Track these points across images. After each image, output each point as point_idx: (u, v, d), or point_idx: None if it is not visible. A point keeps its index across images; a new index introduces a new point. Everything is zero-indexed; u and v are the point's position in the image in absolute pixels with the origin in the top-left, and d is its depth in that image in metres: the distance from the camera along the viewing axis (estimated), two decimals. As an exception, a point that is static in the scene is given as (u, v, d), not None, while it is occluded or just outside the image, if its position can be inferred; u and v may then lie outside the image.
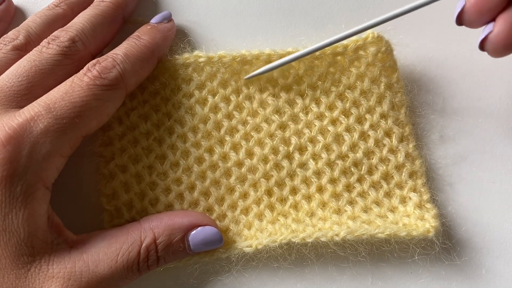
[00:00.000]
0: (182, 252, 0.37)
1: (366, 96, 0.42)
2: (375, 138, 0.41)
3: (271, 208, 0.40)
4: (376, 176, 0.41)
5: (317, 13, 0.46)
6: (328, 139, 0.41)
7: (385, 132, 0.41)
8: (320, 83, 0.42)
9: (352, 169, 0.41)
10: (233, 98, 0.42)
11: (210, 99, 0.42)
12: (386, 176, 0.41)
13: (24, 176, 0.33)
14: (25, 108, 0.35)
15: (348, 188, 0.41)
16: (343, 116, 0.42)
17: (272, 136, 0.41)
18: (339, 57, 0.42)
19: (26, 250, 0.33)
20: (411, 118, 0.43)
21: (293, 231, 0.38)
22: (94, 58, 0.39)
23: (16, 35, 0.41)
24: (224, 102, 0.42)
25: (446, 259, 0.39)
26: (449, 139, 0.43)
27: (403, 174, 0.41)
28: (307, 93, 0.42)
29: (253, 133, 0.42)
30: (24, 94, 0.37)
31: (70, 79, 0.37)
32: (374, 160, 0.41)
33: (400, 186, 0.41)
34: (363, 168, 0.41)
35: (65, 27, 0.41)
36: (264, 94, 0.42)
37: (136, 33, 0.42)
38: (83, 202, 0.41)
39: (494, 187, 0.42)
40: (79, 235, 0.36)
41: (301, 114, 0.42)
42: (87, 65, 0.38)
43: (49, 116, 0.34)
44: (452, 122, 0.43)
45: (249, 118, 0.42)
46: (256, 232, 0.39)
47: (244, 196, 0.41)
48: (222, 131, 0.42)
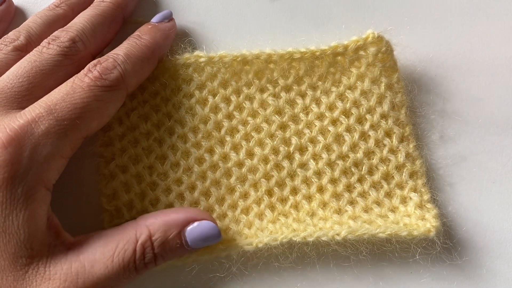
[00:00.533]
0: (180, 249, 0.36)
1: (366, 96, 0.42)
2: (376, 138, 0.41)
3: (272, 208, 0.40)
4: (376, 176, 0.41)
5: (317, 13, 0.46)
6: (329, 139, 0.41)
7: (385, 132, 0.41)
8: (321, 83, 0.42)
9: (353, 169, 0.41)
10: (233, 98, 0.42)
11: (211, 99, 0.42)
12: (387, 176, 0.41)
13: (25, 177, 0.33)
14: (26, 109, 0.35)
15: (349, 188, 0.41)
16: (344, 116, 0.42)
17: (272, 136, 0.41)
18: (339, 57, 0.42)
19: (25, 251, 0.33)
20: (411, 118, 0.43)
21: (294, 230, 0.38)
22: (94, 58, 0.39)
23: (17, 35, 0.41)
24: (224, 102, 0.42)
25: (447, 259, 0.39)
26: (449, 139, 0.43)
27: (404, 174, 0.41)
28: (307, 93, 0.42)
29: (253, 133, 0.42)
30: (25, 95, 0.37)
31: (71, 79, 0.37)
32: (375, 160, 0.41)
33: (400, 186, 0.41)
34: (363, 168, 0.41)
35: (65, 27, 0.41)
36: (265, 94, 0.42)
37: (136, 32, 0.42)
38: (83, 202, 0.41)
39: (494, 187, 0.42)
40: (77, 236, 0.36)
41: (301, 114, 0.42)
42: (88, 65, 0.38)
43: (50, 117, 0.34)
44: (452, 122, 0.43)
45: (249, 119, 0.42)
46: (256, 231, 0.39)
47: (245, 196, 0.41)
48: (223, 132, 0.42)
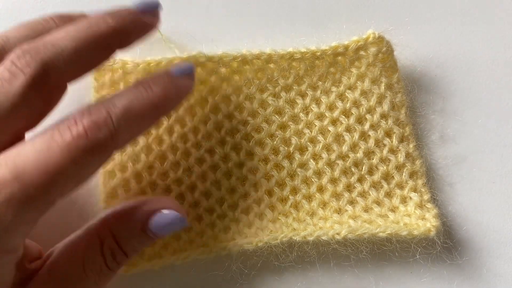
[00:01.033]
0: (148, 239, 0.35)
1: (366, 96, 0.42)
2: (376, 138, 0.41)
3: (272, 208, 0.40)
4: (376, 176, 0.41)
5: (317, 13, 0.46)
6: (329, 139, 0.41)
7: (385, 132, 0.41)
8: (321, 83, 0.42)
9: (353, 169, 0.41)
10: (233, 98, 0.42)
11: (210, 99, 0.42)
12: (387, 176, 0.41)
13: None
14: None
15: (349, 188, 0.41)
16: (344, 116, 0.42)
17: (272, 136, 0.41)
18: (339, 57, 0.42)
19: None
20: (411, 118, 0.43)
21: (294, 229, 0.38)
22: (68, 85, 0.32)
23: None
24: (224, 102, 0.42)
25: (447, 259, 0.39)
26: (449, 139, 0.43)
27: (404, 174, 0.41)
28: (307, 93, 0.42)
29: (253, 133, 0.42)
30: None
31: (49, 132, 0.29)
32: (375, 160, 0.41)
33: (400, 186, 0.41)
34: (363, 168, 0.41)
35: (40, 39, 0.31)
36: (265, 94, 0.42)
37: (148, 79, 0.33)
38: (83, 201, 0.41)
39: (494, 187, 0.42)
40: (37, 261, 0.33)
41: (301, 114, 0.42)
42: (72, 116, 0.29)
43: (15, 183, 0.27)
44: (452, 122, 0.44)
45: (249, 118, 0.42)
46: (256, 231, 0.39)
47: (245, 196, 0.41)
48: (223, 132, 0.42)
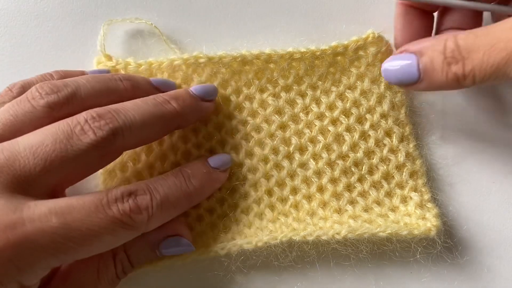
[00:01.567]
0: (154, 256, 0.37)
1: (366, 96, 0.42)
2: (376, 138, 0.41)
3: (272, 208, 0.40)
4: (376, 176, 0.41)
5: (317, 13, 0.46)
6: (329, 139, 0.41)
7: (385, 132, 0.41)
8: (321, 83, 0.42)
9: (353, 169, 0.41)
10: (233, 98, 0.42)
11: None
12: (387, 176, 0.41)
13: None
14: (36, 206, 0.29)
15: (349, 188, 0.41)
16: (344, 116, 0.42)
17: (272, 136, 0.41)
18: (339, 57, 0.42)
19: None
20: (411, 118, 0.43)
21: (293, 229, 0.38)
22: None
23: (58, 88, 0.34)
24: (224, 102, 0.42)
25: (448, 258, 0.39)
26: (449, 139, 0.43)
27: (404, 174, 0.41)
28: (307, 93, 0.42)
29: (253, 133, 0.42)
30: (35, 180, 0.30)
31: (98, 198, 0.31)
32: (375, 160, 0.41)
33: (400, 186, 0.41)
34: (363, 168, 0.41)
35: (113, 107, 0.33)
36: (264, 94, 0.42)
37: (188, 169, 0.37)
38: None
39: (494, 187, 0.42)
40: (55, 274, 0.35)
41: (301, 114, 0.42)
42: (121, 190, 0.32)
43: (59, 232, 0.29)
44: (452, 122, 0.43)
45: (249, 118, 0.42)
46: (256, 231, 0.39)
47: (245, 196, 0.41)
48: (223, 132, 0.42)
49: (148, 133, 0.35)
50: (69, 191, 0.36)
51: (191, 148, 0.41)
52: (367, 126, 0.41)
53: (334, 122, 0.42)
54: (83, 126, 0.32)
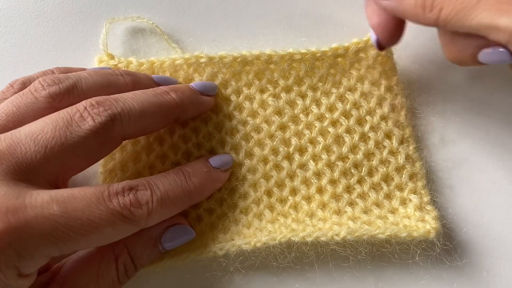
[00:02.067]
0: (157, 254, 0.37)
1: (366, 98, 0.42)
2: (375, 140, 0.41)
3: (271, 209, 0.40)
4: (376, 178, 0.41)
5: (317, 13, 0.46)
6: (328, 140, 0.41)
7: (385, 134, 0.41)
8: (321, 84, 0.43)
9: (352, 170, 0.41)
10: (233, 98, 0.42)
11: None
12: (386, 178, 0.41)
13: None
14: (38, 195, 0.29)
15: (348, 189, 0.40)
16: (344, 118, 0.42)
17: (272, 136, 0.41)
18: (339, 59, 0.42)
19: None
20: (411, 120, 0.43)
21: (292, 230, 0.38)
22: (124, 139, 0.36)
23: (60, 80, 0.35)
24: (224, 102, 0.42)
25: (447, 261, 0.39)
26: (449, 141, 0.43)
27: (404, 176, 0.41)
28: (307, 94, 0.42)
29: (253, 133, 0.42)
30: (36, 168, 0.31)
31: (99, 190, 0.31)
32: (374, 162, 0.41)
33: (400, 188, 0.41)
34: (363, 169, 0.41)
35: (113, 96, 0.34)
36: (265, 94, 0.42)
37: (188, 168, 0.37)
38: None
39: (494, 189, 0.42)
40: (43, 274, 0.34)
41: (301, 115, 0.42)
42: (122, 185, 0.32)
43: (61, 220, 0.29)
44: (452, 124, 0.43)
45: (249, 119, 0.42)
46: (255, 231, 0.39)
47: (244, 196, 0.41)
48: (223, 132, 0.42)
49: (147, 122, 0.36)
50: (70, 186, 0.36)
51: (191, 148, 0.41)
52: (367, 128, 0.41)
53: (334, 123, 0.42)
54: (82, 113, 0.32)
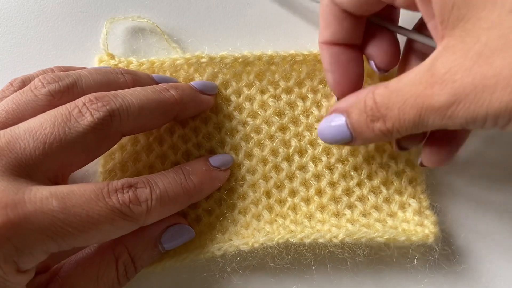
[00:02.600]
0: (157, 254, 0.37)
1: (367, 100, 0.42)
2: (376, 143, 0.41)
3: (270, 209, 0.40)
4: (375, 181, 0.40)
5: (318, 14, 0.46)
6: (329, 142, 0.41)
7: (385, 137, 0.41)
8: (321, 86, 0.42)
9: (352, 173, 0.41)
10: (233, 98, 0.42)
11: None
12: (386, 182, 0.41)
13: None
14: (38, 191, 0.29)
15: (348, 192, 0.40)
16: (344, 120, 0.42)
17: (272, 137, 0.41)
18: (340, 61, 0.42)
19: None
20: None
21: (291, 231, 0.38)
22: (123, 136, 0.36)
23: (59, 78, 0.35)
24: (224, 102, 0.42)
25: (445, 265, 0.39)
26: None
27: (403, 180, 0.40)
28: (308, 96, 0.42)
29: (253, 134, 0.41)
30: (36, 164, 0.31)
31: (98, 187, 0.31)
32: (374, 166, 0.41)
33: (399, 192, 0.40)
34: (363, 172, 0.41)
35: (112, 92, 0.34)
36: (265, 95, 0.42)
37: (188, 167, 0.37)
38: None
39: (493, 195, 0.42)
40: (42, 275, 0.34)
41: (301, 117, 0.42)
42: (121, 182, 0.32)
43: (59, 216, 0.29)
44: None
45: (249, 119, 0.42)
46: (253, 232, 0.39)
47: (243, 197, 0.40)
48: (223, 132, 0.42)
49: (146, 118, 0.35)
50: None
51: (191, 148, 0.41)
52: (367, 130, 0.41)
53: (334, 125, 0.42)
54: (81, 109, 0.32)
